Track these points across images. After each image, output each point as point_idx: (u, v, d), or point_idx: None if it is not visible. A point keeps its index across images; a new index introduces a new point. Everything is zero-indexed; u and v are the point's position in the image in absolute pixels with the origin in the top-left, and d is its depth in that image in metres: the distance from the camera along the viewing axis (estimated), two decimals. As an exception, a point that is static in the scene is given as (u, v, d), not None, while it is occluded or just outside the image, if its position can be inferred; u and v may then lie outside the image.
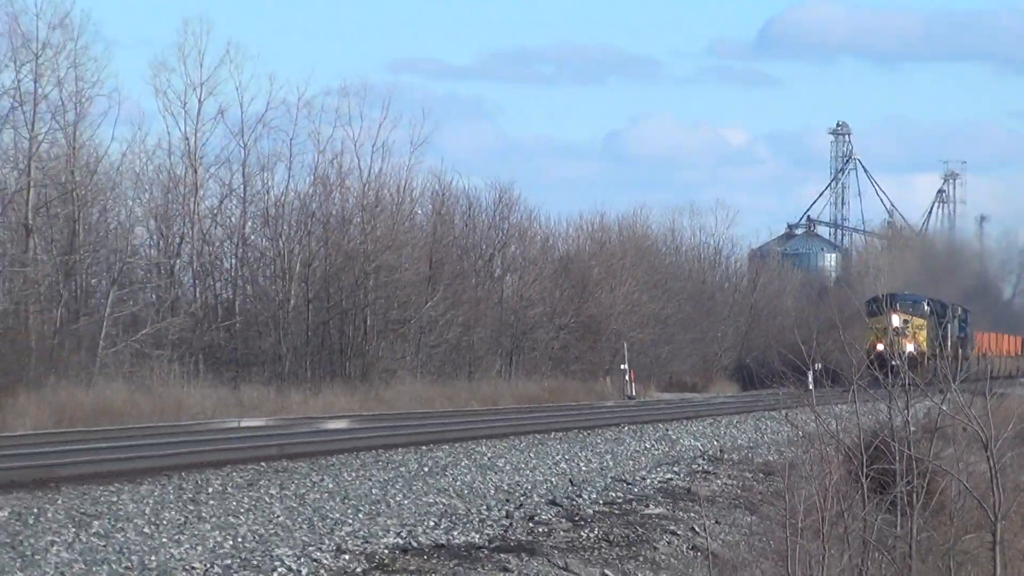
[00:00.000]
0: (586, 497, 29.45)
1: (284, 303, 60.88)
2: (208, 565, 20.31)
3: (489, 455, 35.19)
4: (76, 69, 53.98)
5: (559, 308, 73.30)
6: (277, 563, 20.67)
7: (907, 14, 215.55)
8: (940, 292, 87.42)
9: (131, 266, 56.76)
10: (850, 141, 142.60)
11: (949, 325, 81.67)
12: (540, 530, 25.29)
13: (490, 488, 30.01)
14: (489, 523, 25.45)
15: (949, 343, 78.24)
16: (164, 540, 21.97)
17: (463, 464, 33.07)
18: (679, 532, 26.96)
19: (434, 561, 21.93)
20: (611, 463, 36.09)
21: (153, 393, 47.44)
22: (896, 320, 74.41)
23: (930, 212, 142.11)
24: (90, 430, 38.66)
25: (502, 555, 22.83)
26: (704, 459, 38.34)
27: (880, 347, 69.25)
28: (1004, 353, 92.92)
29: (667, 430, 45.46)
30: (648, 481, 32.75)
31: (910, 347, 70.21)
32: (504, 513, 26.55)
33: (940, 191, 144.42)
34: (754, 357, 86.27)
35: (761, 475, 34.42)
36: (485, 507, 27.35)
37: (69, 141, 54.60)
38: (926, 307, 78.89)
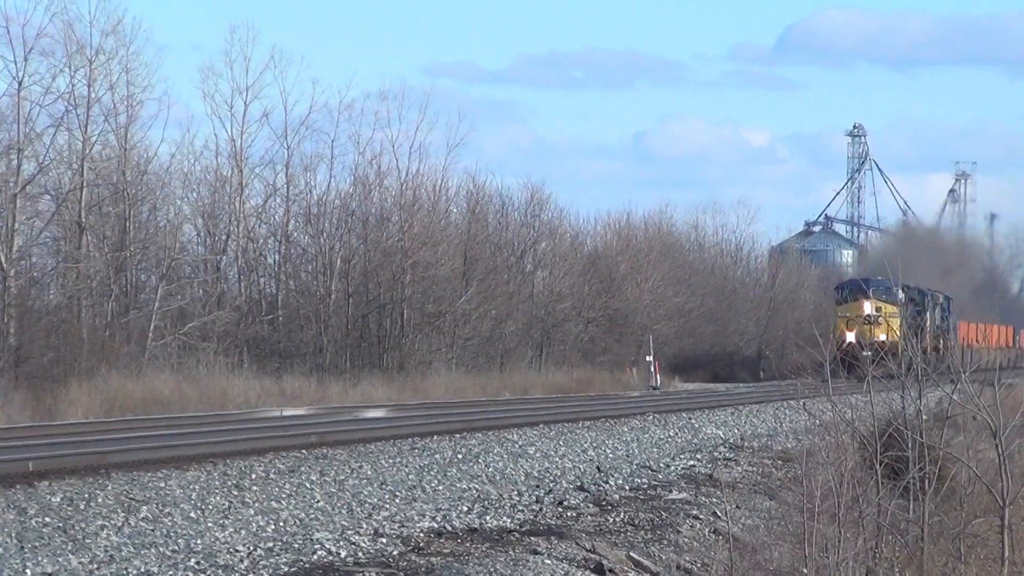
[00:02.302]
0: (613, 483, 29.62)
1: (325, 298, 61.40)
2: (251, 548, 20.52)
3: (520, 443, 35.22)
4: (128, 74, 54.78)
5: (587, 302, 73.62)
6: (317, 546, 20.86)
7: (919, 20, 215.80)
8: (951, 286, 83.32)
9: (179, 262, 57.27)
10: (866, 142, 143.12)
11: (928, 313, 74.11)
12: (569, 514, 25.47)
13: (521, 474, 30.15)
14: (520, 508, 25.63)
15: (928, 333, 71.08)
16: (209, 524, 22.15)
17: (495, 451, 33.09)
18: (701, 516, 27.13)
19: (467, 544, 22.14)
20: (637, 451, 36.08)
21: (199, 383, 47.62)
22: (868, 307, 69.19)
23: (943, 210, 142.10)
24: (139, 419, 38.76)
25: (532, 538, 22.99)
26: (725, 447, 38.28)
27: (850, 337, 65.12)
28: (992, 344, 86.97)
29: (690, 419, 45.33)
30: (672, 468, 32.91)
31: (882, 336, 64.58)
32: (534, 498, 26.75)
33: (952, 190, 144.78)
34: (773, 349, 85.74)
35: (780, 462, 34.41)
36: (516, 492, 27.52)
37: (121, 143, 55.14)
38: (901, 294, 68.63)
